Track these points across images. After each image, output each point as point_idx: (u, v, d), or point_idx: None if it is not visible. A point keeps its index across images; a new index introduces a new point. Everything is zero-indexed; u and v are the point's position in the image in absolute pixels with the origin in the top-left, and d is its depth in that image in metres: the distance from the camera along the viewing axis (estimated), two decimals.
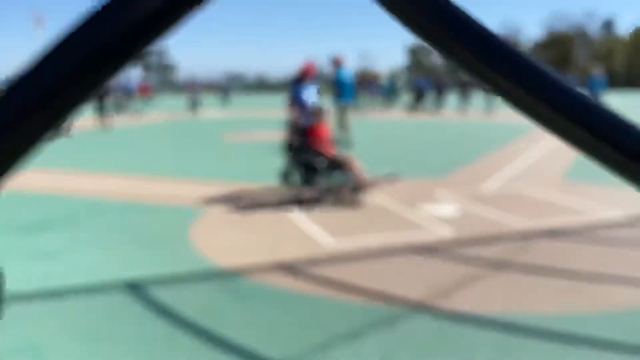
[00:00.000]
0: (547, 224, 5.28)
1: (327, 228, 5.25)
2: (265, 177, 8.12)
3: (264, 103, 34.71)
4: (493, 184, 7.50)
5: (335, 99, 11.93)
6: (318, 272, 4.10)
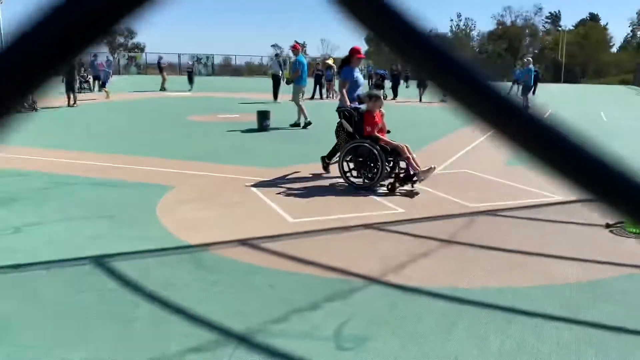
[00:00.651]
0: (491, 204, 5.60)
1: (288, 207, 5.40)
2: (230, 155, 8.21)
3: (230, 85, 34.34)
4: (444, 167, 7.81)
5: (297, 82, 12.32)
6: (279, 247, 4.25)
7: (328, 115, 15.84)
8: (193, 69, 30.20)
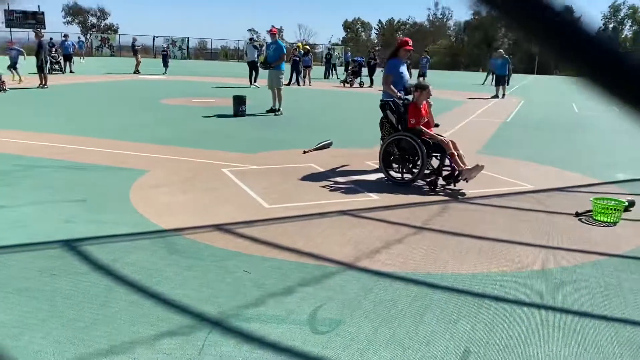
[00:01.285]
0: (464, 192, 5.67)
1: (264, 192, 5.39)
2: (205, 140, 8.14)
3: (205, 69, 33.88)
4: None
5: (278, 67, 12.04)
6: (254, 232, 4.25)
7: (305, 102, 15.83)
8: (168, 52, 29.76)
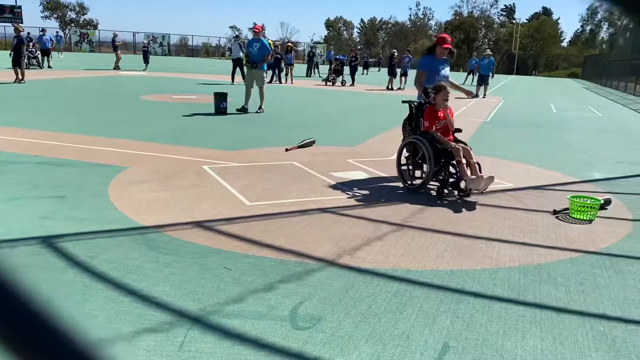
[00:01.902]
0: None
1: (245, 189, 5.37)
2: (186, 136, 8.09)
3: (186, 65, 33.60)
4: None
5: (262, 66, 11.82)
6: (235, 229, 4.23)
7: (287, 99, 15.81)
8: (148, 48, 29.46)
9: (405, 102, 6.09)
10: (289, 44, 26.25)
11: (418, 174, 5.78)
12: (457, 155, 5.30)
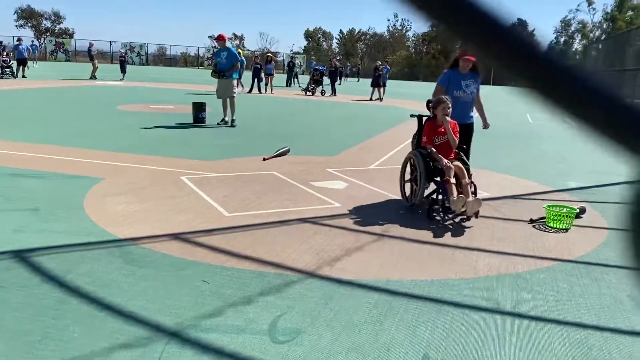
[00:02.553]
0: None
1: (224, 200, 5.32)
2: (163, 147, 8.00)
3: (164, 75, 33.39)
4: (380, 162, 7.95)
5: (232, 75, 11.60)
6: (214, 241, 4.19)
7: (266, 109, 15.79)
8: (125, 57, 29.21)
9: (414, 116, 5.90)
10: (269, 54, 26.26)
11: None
12: (446, 174, 5.03)
